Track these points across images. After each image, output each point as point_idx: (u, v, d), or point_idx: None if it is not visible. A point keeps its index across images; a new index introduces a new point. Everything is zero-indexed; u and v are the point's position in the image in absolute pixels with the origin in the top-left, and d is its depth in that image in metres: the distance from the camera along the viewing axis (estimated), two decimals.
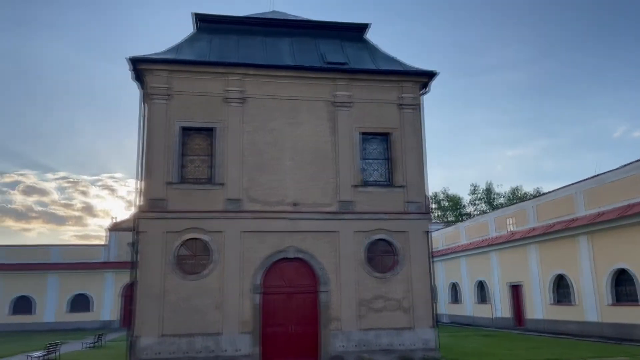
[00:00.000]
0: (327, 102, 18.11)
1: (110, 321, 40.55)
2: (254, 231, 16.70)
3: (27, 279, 40.88)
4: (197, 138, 17.45)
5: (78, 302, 41.36)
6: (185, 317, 15.72)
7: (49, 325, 39.54)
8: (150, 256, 16.00)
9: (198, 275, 16.16)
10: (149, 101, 17.12)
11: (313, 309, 16.72)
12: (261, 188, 17.08)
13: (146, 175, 16.64)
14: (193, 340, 15.54)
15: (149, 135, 16.85)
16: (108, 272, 41.85)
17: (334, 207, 17.36)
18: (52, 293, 41.11)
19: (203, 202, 16.65)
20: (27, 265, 41.20)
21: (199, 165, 17.30)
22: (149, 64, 17.11)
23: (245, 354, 15.65)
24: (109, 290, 41.73)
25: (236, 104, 17.49)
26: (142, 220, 16.35)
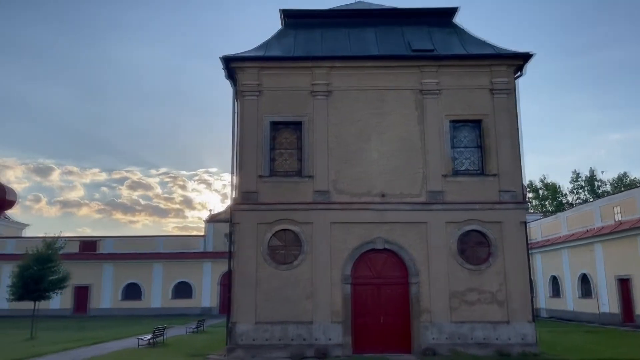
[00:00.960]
0: (414, 91, 17.79)
1: (210, 308, 42.93)
2: (342, 222, 16.86)
3: (135, 267, 44.36)
4: (286, 132, 17.90)
5: (181, 289, 44.24)
6: (278, 306, 16.26)
7: (156, 310, 42.63)
8: (245, 246, 16.70)
9: (289, 265, 16.62)
10: (241, 98, 17.80)
11: (403, 300, 16.59)
12: (348, 179, 17.19)
13: (239, 169, 17.36)
14: (286, 328, 16.05)
15: (241, 130, 17.54)
16: (207, 262, 44.27)
17: (423, 197, 17.07)
18: (157, 280, 44.28)
19: (292, 194, 17.07)
20: (135, 255, 44.72)
21: (287, 158, 17.74)
22: (240, 62, 17.77)
23: (337, 343, 15.91)
24: (208, 278, 44.14)
25: (322, 97, 17.70)
26: (236, 212, 17.10)
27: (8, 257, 42.82)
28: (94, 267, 44.08)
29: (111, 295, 44.05)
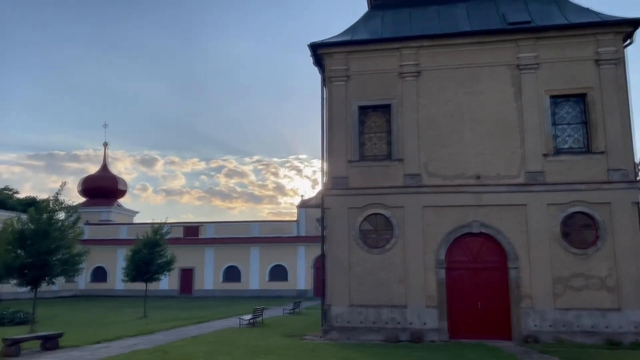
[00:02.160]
0: (510, 66, 16.87)
1: (305, 290, 44.14)
2: (434, 206, 16.49)
3: (234, 251, 46.65)
4: (374, 116, 17.76)
5: (276, 272, 45.90)
6: (371, 289, 16.32)
7: (253, 292, 44.64)
8: (336, 231, 16.91)
9: (381, 249, 16.59)
10: (329, 84, 17.91)
11: (502, 285, 15.97)
12: (440, 162, 16.75)
13: (329, 155, 17.53)
14: (380, 312, 16.09)
15: (330, 116, 17.67)
16: (300, 246, 45.47)
17: (521, 178, 16.23)
18: (254, 264, 46.25)
19: (382, 178, 16.96)
20: (233, 239, 47.00)
21: (376, 142, 17.62)
22: (328, 48, 17.84)
23: (432, 327, 15.70)
24: (302, 262, 45.35)
25: (411, 78, 17.32)
26: (327, 197, 17.33)
27: (122, 242, 46.82)
28: (197, 251, 46.94)
29: (213, 277, 46.72)
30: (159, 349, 13.56)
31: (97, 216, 53.07)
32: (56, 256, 18.14)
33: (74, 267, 19.70)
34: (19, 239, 17.88)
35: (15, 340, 12.89)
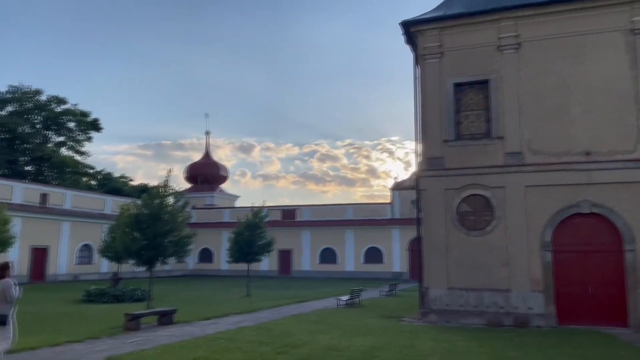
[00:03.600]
0: (624, 31, 15.38)
1: (401, 272, 43.93)
2: (539, 185, 15.60)
3: (329, 233, 47.45)
4: (470, 93, 17.06)
5: (371, 254, 46.07)
6: (470, 272, 15.87)
7: (349, 274, 45.20)
8: (433, 213, 16.58)
9: (481, 231, 16.03)
10: (422, 62, 17.47)
11: (616, 269, 14.81)
12: (544, 138, 15.76)
13: (423, 135, 17.16)
14: (481, 295, 15.62)
15: (424, 95, 17.26)
16: (395, 228, 45.20)
17: (637, 153, 14.85)
18: (349, 246, 46.75)
19: (481, 157, 16.32)
20: (329, 222, 47.79)
21: (473, 120, 16.95)
22: (420, 25, 17.37)
23: (538, 312, 14.98)
24: (397, 244, 45.10)
25: (511, 51, 16.39)
26: (422, 178, 17.02)
27: (225, 225, 49.41)
28: (294, 233, 48.35)
29: (309, 258, 47.93)
30: (263, 326, 14.23)
31: (202, 201, 56.36)
32: (168, 238, 19.53)
33: (184, 248, 21.09)
34: (135, 222, 19.45)
35: (135, 315, 14.10)
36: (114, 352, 10.10)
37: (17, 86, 55.28)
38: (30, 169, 55.72)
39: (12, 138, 53.81)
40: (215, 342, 11.28)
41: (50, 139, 58.65)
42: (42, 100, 56.57)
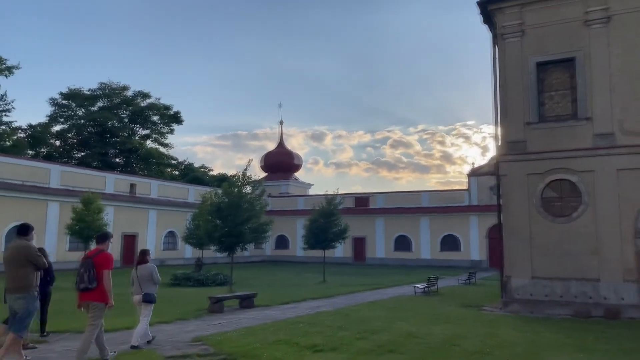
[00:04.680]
0: None
1: (480, 261, 42.73)
2: (633, 168, 14.52)
3: (403, 220, 46.99)
4: (555, 72, 16.13)
5: (447, 242, 45.15)
6: (556, 261, 15.13)
7: (425, 261, 44.58)
8: (514, 199, 15.94)
9: (567, 218, 15.21)
10: (501, 41, 16.73)
11: None
12: (638, 118, 14.63)
13: (503, 118, 16.49)
14: (567, 285, 14.87)
15: (503, 76, 16.54)
16: (472, 215, 43.96)
17: None
18: (425, 233, 46.05)
19: (566, 140, 15.43)
20: (403, 209, 47.31)
21: (558, 101, 16.03)
22: (499, 3, 16.60)
23: (631, 303, 14.03)
24: (475, 231, 43.85)
25: (599, 26, 15.30)
26: (502, 163, 16.38)
27: (300, 213, 50.32)
28: (368, 220, 48.31)
29: (384, 246, 47.75)
30: (340, 312, 14.40)
31: (277, 189, 57.66)
32: (247, 226, 20.23)
33: (262, 235, 21.78)
34: (216, 210, 20.31)
35: (218, 298, 14.76)
36: (200, 333, 10.63)
37: (106, 83, 59.14)
38: (119, 161, 59.51)
39: (102, 132, 57.68)
40: (295, 326, 11.57)
41: (137, 132, 62.26)
42: (128, 96, 60.13)
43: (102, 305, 7.63)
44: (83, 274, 7.53)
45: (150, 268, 9.57)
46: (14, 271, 7.43)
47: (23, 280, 7.42)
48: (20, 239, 7.70)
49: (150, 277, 9.48)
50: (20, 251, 7.53)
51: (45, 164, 36.89)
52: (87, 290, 7.53)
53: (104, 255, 7.76)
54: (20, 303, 7.33)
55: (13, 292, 7.40)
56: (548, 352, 9.32)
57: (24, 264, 7.45)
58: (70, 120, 58.25)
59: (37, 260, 7.55)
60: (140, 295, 9.37)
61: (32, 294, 7.47)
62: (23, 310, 7.31)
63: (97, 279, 7.52)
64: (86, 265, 7.58)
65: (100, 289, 7.55)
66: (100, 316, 7.64)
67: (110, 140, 58.55)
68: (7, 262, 7.54)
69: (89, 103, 58.36)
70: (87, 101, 58.17)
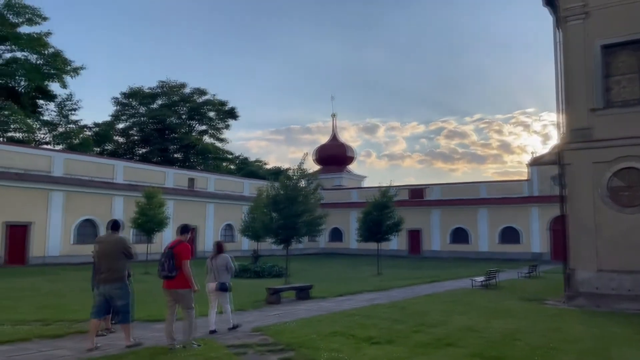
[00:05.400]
0: None
1: (541, 253, 41.26)
2: None
3: (460, 212, 46.03)
4: (622, 55, 15.24)
5: (507, 234, 43.86)
6: (624, 253, 14.36)
7: (483, 254, 43.50)
8: (578, 189, 15.26)
9: (636, 208, 14.39)
10: (563, 25, 15.99)
11: None
12: None
13: (566, 105, 15.79)
14: (636, 278, 14.09)
15: (566, 61, 15.81)
16: (533, 206, 42.48)
17: None
18: (482, 225, 44.93)
19: (635, 126, 14.55)
20: (459, 201, 46.33)
21: (625, 85, 15.14)
22: None
23: None
24: (536, 223, 42.36)
25: None
26: (565, 152, 15.70)
27: (353, 205, 50.31)
28: (423, 212, 47.65)
29: (440, 238, 46.98)
30: (396, 304, 14.32)
31: (330, 182, 57.86)
32: (302, 219, 20.46)
33: (317, 228, 21.98)
34: (272, 203, 20.65)
35: (276, 290, 15.02)
36: (259, 323, 10.88)
37: (165, 81, 61.25)
38: (178, 156, 61.56)
39: (162, 128, 59.82)
40: (351, 318, 11.61)
41: (194, 128, 64.12)
42: (186, 93, 62.00)
43: (188, 291, 8.24)
44: (164, 263, 8.12)
45: (225, 258, 10.15)
46: (111, 263, 8.11)
47: (120, 271, 8.14)
48: (114, 233, 8.42)
49: (225, 266, 10.06)
50: (116, 244, 8.22)
51: (110, 161, 38.73)
52: (168, 279, 8.16)
53: (184, 246, 8.31)
54: (118, 293, 8.06)
55: (110, 282, 8.07)
56: (617, 347, 8.91)
57: (119, 256, 8.15)
58: (133, 118, 60.82)
59: (130, 252, 8.28)
60: (215, 284, 9.95)
61: (127, 283, 8.29)
62: (123, 300, 8.11)
63: (177, 268, 8.09)
64: (167, 255, 8.16)
65: (181, 276, 8.13)
66: (190, 301, 8.25)
67: (170, 136, 60.61)
68: (103, 255, 8.22)
69: (149, 101, 60.67)
70: (147, 99, 60.48)
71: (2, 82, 44.52)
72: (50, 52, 44.98)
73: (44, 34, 44.05)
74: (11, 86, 45.09)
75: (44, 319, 10.81)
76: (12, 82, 45.10)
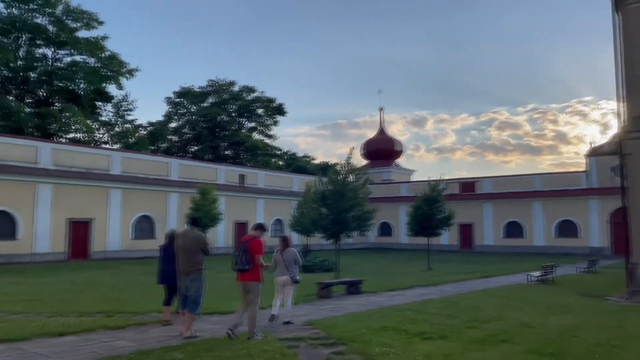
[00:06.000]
0: None
1: (600, 247, 39.57)
2: None
3: (513, 205, 44.73)
4: None
5: (564, 228, 42.31)
6: None
7: (538, 248, 42.13)
8: None
9: None
10: (623, 8, 15.20)
11: None
12: None
13: (628, 92, 15.03)
14: None
15: (627, 46, 15.03)
16: (592, 199, 40.78)
17: None
18: (538, 219, 43.52)
19: None
20: (513, 194, 45.02)
21: None
22: None
23: None
24: (595, 216, 40.65)
25: None
26: (626, 141, 14.97)
27: (402, 199, 49.85)
28: (474, 206, 46.62)
29: (492, 232, 45.84)
30: (449, 300, 14.11)
31: (378, 176, 57.52)
32: (351, 213, 20.47)
33: (366, 222, 21.91)
34: (321, 199, 20.76)
35: (327, 284, 15.10)
36: (311, 317, 11.00)
37: (215, 80, 62.61)
38: (229, 153, 62.88)
39: (213, 126, 61.27)
40: (402, 313, 11.54)
41: (244, 125, 65.28)
42: (235, 91, 63.15)
43: (259, 284, 8.67)
44: (239, 256, 8.56)
45: (293, 252, 10.58)
46: (189, 256, 8.62)
47: (197, 264, 8.65)
48: (193, 228, 8.96)
49: (294, 260, 10.50)
50: (195, 239, 8.73)
51: (165, 159, 40.05)
52: (243, 271, 8.57)
53: (257, 241, 8.70)
54: (194, 285, 8.57)
55: (188, 274, 8.60)
56: None
57: (197, 250, 8.66)
58: (185, 117, 62.61)
59: (207, 247, 8.81)
60: (287, 277, 10.33)
61: (203, 277, 8.73)
62: (196, 291, 8.57)
63: (250, 261, 8.50)
64: (242, 249, 8.60)
65: (254, 270, 8.56)
66: (258, 294, 8.67)
67: (220, 134, 61.97)
68: (182, 249, 8.71)
69: (200, 100, 62.22)
70: (198, 98, 62.04)
71: (64, 86, 46.85)
72: (107, 55, 46.93)
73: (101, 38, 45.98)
74: (72, 89, 47.38)
75: (106, 311, 11.34)
76: (73, 85, 47.37)
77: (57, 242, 30.11)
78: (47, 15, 44.00)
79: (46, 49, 46.12)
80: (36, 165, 29.87)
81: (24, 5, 42.66)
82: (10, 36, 43.50)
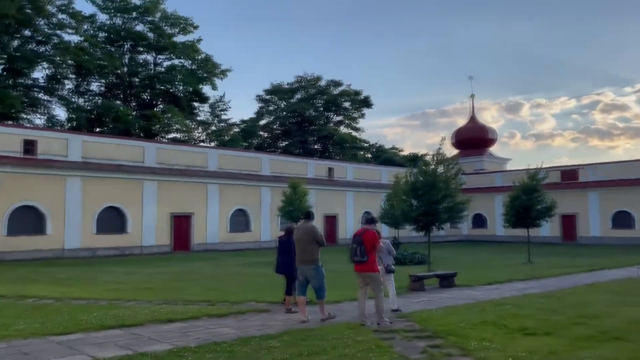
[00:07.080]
0: None
1: None
2: None
3: (623, 194, 41.37)
4: None
5: None
6: None
7: None
8: None
9: None
10: None
11: None
12: None
13: None
14: None
15: None
16: None
17: None
18: None
19: None
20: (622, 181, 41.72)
21: None
22: None
23: None
24: None
25: None
26: None
27: (497, 190, 47.82)
28: (578, 195, 43.65)
29: (599, 223, 42.67)
30: (552, 295, 13.33)
31: (470, 166, 55.53)
32: (443, 205, 19.96)
33: (458, 214, 21.27)
34: (411, 190, 20.45)
35: (419, 277, 14.85)
36: (404, 309, 10.85)
37: (302, 76, 63.80)
38: (317, 147, 63.88)
39: (301, 121, 62.54)
40: (502, 307, 11.08)
41: (331, 119, 65.95)
42: (322, 86, 63.96)
43: (377, 274, 9.21)
44: (355, 249, 9.01)
45: (386, 243, 11.00)
46: (305, 247, 9.45)
47: (313, 254, 9.43)
48: (307, 222, 9.83)
49: (387, 250, 10.90)
50: (309, 231, 9.55)
51: (257, 154, 41.53)
52: (360, 263, 9.05)
53: (371, 233, 9.14)
54: (312, 273, 9.40)
55: (306, 263, 9.45)
56: None
57: (311, 241, 9.45)
58: (274, 114, 64.44)
59: (321, 239, 9.57)
60: (383, 267, 10.51)
61: (320, 265, 9.51)
62: (317, 279, 9.40)
63: (367, 253, 8.95)
64: (357, 242, 9.06)
65: (371, 261, 9.04)
66: (379, 283, 9.26)
67: (309, 128, 63.09)
68: (299, 240, 9.58)
69: (288, 96, 63.71)
70: (287, 94, 63.56)
71: (164, 89, 50.05)
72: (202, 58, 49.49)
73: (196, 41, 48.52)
74: (171, 91, 50.50)
75: (209, 300, 12.00)
76: (172, 87, 50.48)
77: (162, 236, 32.32)
78: (147, 23, 47.20)
79: (147, 54, 49.55)
80: (143, 164, 32.20)
81: (125, 15, 46.06)
82: (116, 45, 47.20)
